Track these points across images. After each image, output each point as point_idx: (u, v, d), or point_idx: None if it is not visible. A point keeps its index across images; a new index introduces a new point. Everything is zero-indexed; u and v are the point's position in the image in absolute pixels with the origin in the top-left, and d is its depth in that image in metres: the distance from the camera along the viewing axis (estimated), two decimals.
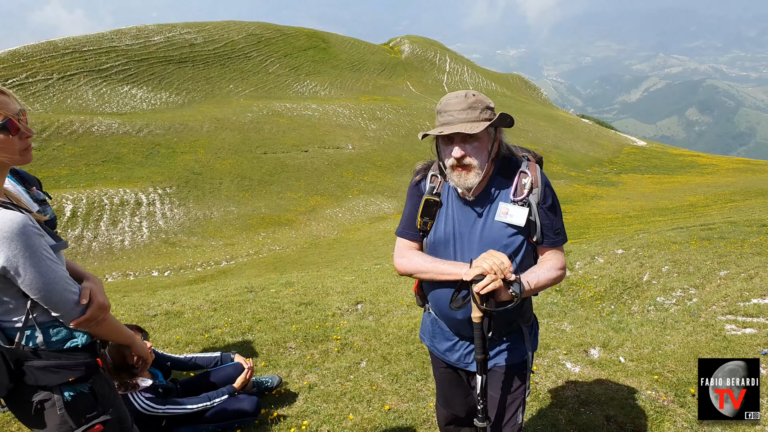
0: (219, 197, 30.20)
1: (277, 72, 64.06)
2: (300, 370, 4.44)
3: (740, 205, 23.10)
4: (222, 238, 25.53)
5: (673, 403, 3.72)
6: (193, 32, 62.09)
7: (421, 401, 3.90)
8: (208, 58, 58.59)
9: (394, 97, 64.70)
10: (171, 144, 34.92)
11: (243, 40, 66.64)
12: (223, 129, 39.61)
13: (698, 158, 61.06)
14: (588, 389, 4.03)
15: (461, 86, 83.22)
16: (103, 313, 1.86)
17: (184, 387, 3.53)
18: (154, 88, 48.48)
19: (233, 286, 7.90)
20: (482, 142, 2.06)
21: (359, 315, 6.01)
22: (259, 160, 36.30)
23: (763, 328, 4.82)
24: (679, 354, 4.47)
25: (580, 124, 77.53)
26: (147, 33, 57.29)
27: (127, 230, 24.11)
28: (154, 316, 5.71)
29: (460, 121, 2.01)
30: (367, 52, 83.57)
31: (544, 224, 2.14)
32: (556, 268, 2.14)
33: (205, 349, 4.81)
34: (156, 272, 19.98)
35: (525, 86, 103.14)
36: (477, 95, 2.05)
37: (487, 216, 2.14)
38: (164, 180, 29.84)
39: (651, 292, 7.22)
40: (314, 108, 50.11)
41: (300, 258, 19.87)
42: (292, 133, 42.12)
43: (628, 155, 59.81)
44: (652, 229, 14.60)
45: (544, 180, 2.16)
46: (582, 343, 4.91)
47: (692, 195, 32.18)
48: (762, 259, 7.40)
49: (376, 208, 33.56)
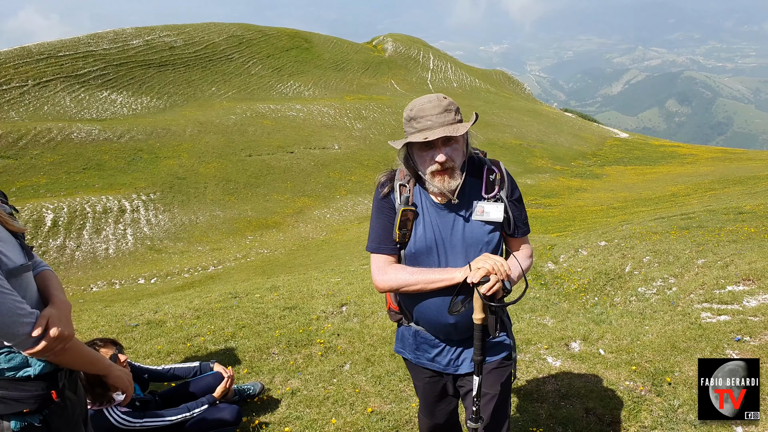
0: (204, 201, 30.02)
1: (260, 73, 63.76)
2: (283, 375, 4.44)
3: (719, 194, 23.41)
4: (208, 243, 25.39)
5: (650, 393, 3.78)
6: (173, 35, 61.56)
7: (404, 402, 3.93)
8: (188, 60, 58.13)
9: (379, 95, 64.68)
10: (153, 149, 34.63)
11: (224, 41, 66.21)
12: (206, 132, 39.36)
13: (678, 149, 61.73)
14: (568, 383, 4.08)
15: (445, 83, 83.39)
16: (60, 343, 1.73)
17: (164, 398, 3.52)
18: (134, 93, 48.02)
19: (217, 292, 7.87)
20: (460, 143, 2.10)
21: (344, 317, 6.02)
22: (243, 162, 36.12)
23: (737, 315, 4.91)
24: (657, 344, 4.54)
25: (563, 118, 78.02)
26: (125, 37, 56.69)
27: (111, 238, 23.89)
28: (135, 326, 5.68)
29: (439, 125, 2.00)
30: (350, 51, 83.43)
31: (515, 216, 2.19)
32: (528, 257, 2.27)
33: (187, 358, 4.80)
34: (142, 280, 19.83)
35: (508, 82, 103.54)
36: (448, 98, 2.06)
37: (465, 217, 2.15)
38: (148, 186, 29.60)
39: (633, 283, 7.32)
40: (299, 108, 49.96)
41: (288, 260, 19.82)
42: (276, 135, 41.96)
43: (611, 147, 60.30)
44: (634, 220, 14.76)
45: (508, 174, 2.21)
46: (563, 337, 4.96)
47: (674, 185, 32.57)
48: (737, 247, 7.52)
49: (365, 207, 33.53)
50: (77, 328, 5.69)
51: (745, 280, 5.84)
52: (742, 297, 5.36)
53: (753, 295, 5.38)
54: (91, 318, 6.29)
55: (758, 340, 4.35)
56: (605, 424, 3.49)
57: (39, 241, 21.81)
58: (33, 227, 22.48)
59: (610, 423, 3.50)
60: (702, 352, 4.27)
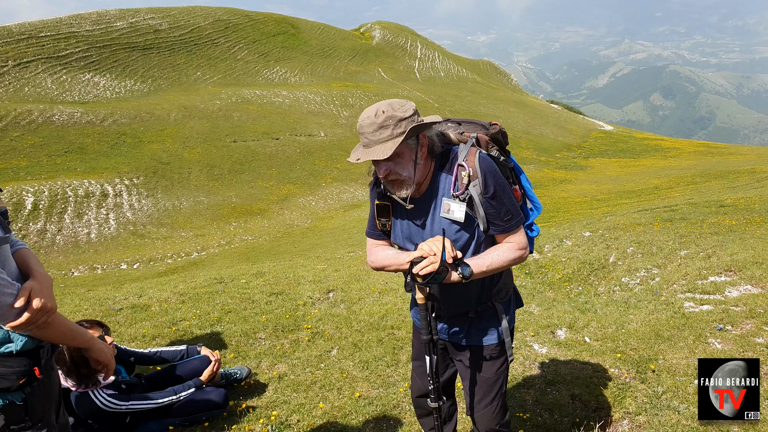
0: (188, 187, 29.72)
1: (246, 58, 63.06)
2: (270, 360, 4.43)
3: (701, 187, 23.72)
4: (192, 229, 25.18)
5: (635, 380, 3.83)
6: (158, 18, 60.58)
7: (392, 387, 3.94)
8: (174, 44, 57.28)
9: (366, 83, 64.35)
10: (137, 133, 34.15)
11: (210, 26, 65.32)
12: (191, 117, 38.90)
13: (662, 142, 62.40)
14: (555, 369, 4.12)
15: (432, 72, 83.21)
16: (44, 315, 1.69)
17: (150, 381, 3.48)
18: (118, 76, 47.22)
19: (202, 277, 7.82)
20: (404, 155, 2.06)
21: (331, 303, 6.01)
22: (228, 148, 35.79)
23: (719, 305, 4.99)
24: (641, 332, 4.60)
25: (549, 110, 78.37)
26: (108, 18, 55.65)
27: (93, 222, 23.56)
28: (119, 310, 5.62)
29: (374, 142, 2.03)
30: (337, 38, 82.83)
31: (490, 213, 2.11)
32: (513, 249, 2.15)
33: (173, 342, 4.76)
34: (125, 265, 19.62)
35: (495, 72, 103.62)
36: (387, 111, 2.01)
37: (433, 213, 2.18)
38: (131, 170, 29.20)
39: (617, 273, 7.39)
40: (285, 95, 49.55)
41: (273, 247, 19.74)
42: (262, 121, 41.60)
43: (596, 140, 60.76)
44: (618, 212, 14.91)
45: (484, 168, 2.09)
46: (549, 324, 5.01)
47: (657, 178, 32.92)
48: (719, 239, 7.63)
49: (350, 195, 33.46)
50: (60, 312, 5.62)
51: (727, 271, 5.93)
52: (724, 287, 5.45)
53: (734, 285, 5.47)
54: (73, 301, 6.21)
55: (739, 329, 4.43)
56: (591, 410, 3.53)
57: (19, 225, 21.46)
58: (13, 210, 22.09)
59: (595, 409, 3.55)
60: (685, 341, 4.33)
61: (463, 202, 2.10)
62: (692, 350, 4.16)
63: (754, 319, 4.53)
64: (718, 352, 4.06)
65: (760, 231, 8.16)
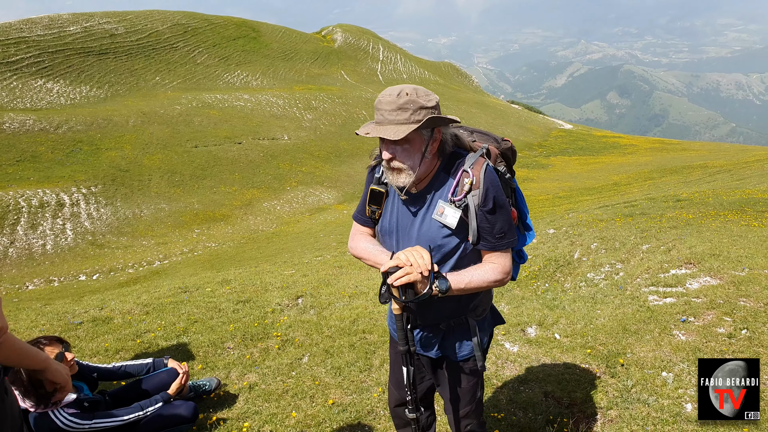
0: (149, 194, 29.04)
1: (206, 62, 62.06)
2: (239, 370, 4.33)
3: (658, 182, 24.44)
4: (154, 237, 24.60)
5: (605, 375, 3.88)
6: (114, 22, 59.05)
7: (365, 392, 3.89)
8: (131, 49, 55.91)
9: (329, 86, 64.09)
10: (94, 140, 33.17)
11: (168, 30, 64.01)
12: (150, 123, 38.02)
13: (620, 139, 64.07)
14: (527, 367, 4.15)
15: (395, 75, 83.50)
16: None
17: (114, 398, 3.34)
18: (72, 82, 45.81)
19: (166, 287, 7.61)
20: (413, 144, 1.99)
21: (300, 309, 5.93)
22: (190, 154, 35.12)
23: (681, 297, 5.11)
24: (609, 327, 4.67)
25: (510, 110, 79.55)
26: (61, 23, 53.95)
27: (48, 233, 22.78)
28: (79, 323, 5.41)
29: (389, 122, 1.95)
30: (299, 41, 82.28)
31: (483, 227, 2.04)
32: (496, 271, 2.08)
33: (138, 355, 4.61)
34: (83, 276, 19.02)
35: (457, 74, 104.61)
36: (411, 94, 1.94)
37: (426, 213, 2.11)
38: (88, 179, 28.35)
39: (582, 269, 7.51)
40: (246, 98, 48.93)
41: (238, 254, 19.44)
42: (224, 125, 40.97)
43: (556, 138, 61.94)
44: (580, 208, 15.21)
45: (487, 180, 2.02)
46: (519, 322, 5.04)
47: (616, 174, 33.78)
48: (678, 232, 7.85)
49: (316, 199, 33.25)
50: (15, 329, 5.38)
51: (687, 263, 6.10)
52: (685, 280, 5.59)
53: (695, 277, 5.62)
54: (29, 317, 5.96)
55: (702, 320, 4.54)
56: (564, 407, 3.57)
57: None
58: None
59: (568, 405, 3.58)
60: (651, 334, 4.42)
61: (458, 208, 2.04)
62: (658, 343, 4.25)
63: (715, 309, 4.66)
64: (682, 344, 4.16)
65: (715, 224, 8.42)
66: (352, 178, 37.94)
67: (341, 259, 9.75)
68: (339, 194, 34.73)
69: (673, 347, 4.13)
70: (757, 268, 5.57)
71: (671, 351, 4.08)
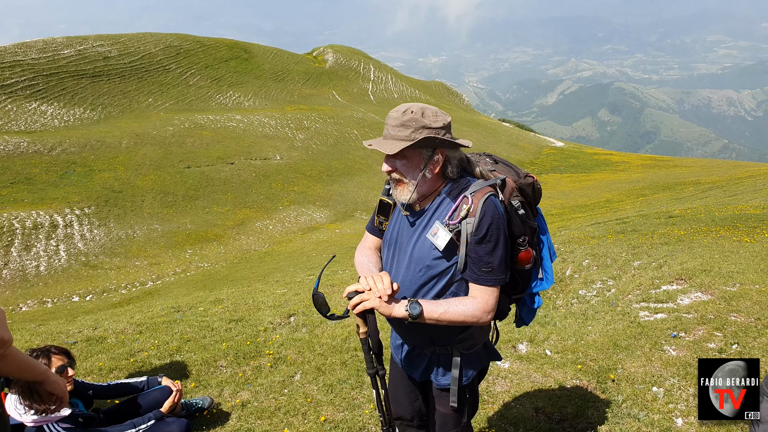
0: (141, 215, 28.98)
1: (198, 84, 62.37)
2: (232, 388, 4.33)
3: (650, 199, 24.61)
4: (147, 258, 24.50)
5: (596, 390, 3.91)
6: (107, 45, 59.38)
7: (357, 409, 3.90)
8: (124, 71, 56.16)
9: (321, 106, 64.48)
10: (87, 162, 33.17)
11: (161, 52, 64.40)
12: (143, 144, 38.08)
13: (611, 156, 64.60)
14: (517, 383, 4.17)
15: (386, 95, 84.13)
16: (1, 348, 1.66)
17: (109, 415, 3.35)
18: (66, 104, 45.90)
19: (159, 306, 7.60)
20: (411, 161, 2.02)
21: (292, 328, 5.93)
22: (182, 174, 35.14)
23: (672, 313, 5.16)
24: (600, 343, 4.70)
25: (501, 128, 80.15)
26: (55, 46, 54.21)
27: (42, 255, 22.66)
28: (73, 343, 5.40)
29: (392, 136, 2.00)
30: (290, 62, 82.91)
31: (470, 257, 2.02)
32: (475, 307, 2.03)
33: (131, 374, 4.60)
34: (77, 297, 18.89)
35: (447, 93, 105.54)
36: (416, 113, 1.98)
37: (423, 231, 2.12)
38: (82, 200, 28.29)
39: (574, 286, 7.55)
40: (238, 119, 49.13)
41: (230, 274, 19.38)
42: (216, 146, 41.07)
43: (548, 156, 62.41)
44: (572, 226, 15.29)
45: (485, 211, 1.99)
46: (510, 339, 5.07)
47: (608, 191, 33.99)
48: (669, 248, 7.92)
49: (308, 218, 33.26)
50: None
51: (678, 279, 6.15)
52: (676, 296, 5.64)
53: (686, 293, 5.67)
54: (24, 337, 5.94)
55: (692, 335, 4.59)
56: (554, 422, 3.58)
57: None
58: None
59: (559, 421, 3.60)
60: (642, 349, 4.45)
61: (450, 232, 2.02)
62: (649, 358, 4.28)
63: (706, 325, 4.71)
64: (673, 359, 4.19)
65: (706, 240, 8.51)
66: (344, 197, 38.02)
67: (333, 278, 9.75)
68: (331, 213, 34.77)
69: (663, 362, 4.16)
70: (748, 284, 5.64)
71: (662, 366, 4.11)
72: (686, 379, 3.83)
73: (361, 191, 39.13)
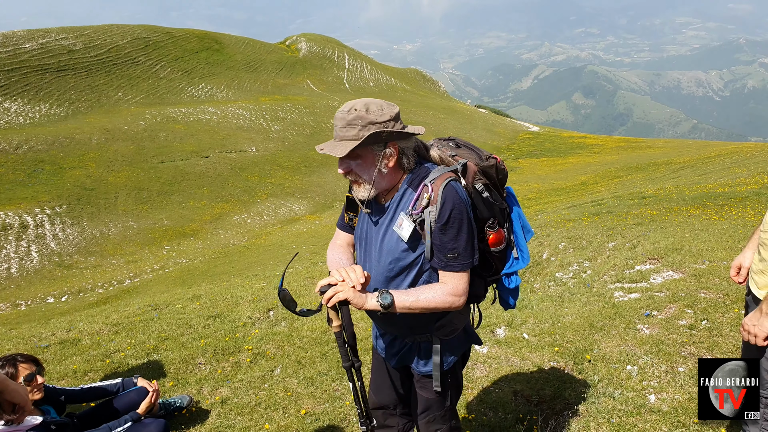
0: (116, 212, 28.52)
1: (169, 76, 61.34)
2: (211, 385, 4.30)
3: (624, 180, 24.98)
4: (123, 256, 24.16)
5: (573, 371, 3.97)
6: (71, 38, 57.93)
7: (338, 401, 3.91)
8: (90, 65, 54.92)
9: (296, 96, 63.97)
10: (57, 160, 32.47)
11: (129, 44, 63.09)
12: (114, 140, 37.40)
13: (586, 139, 65.36)
14: (496, 368, 4.21)
15: (362, 83, 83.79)
16: None
17: (83, 420, 3.28)
18: (30, 100, 44.76)
19: (136, 305, 7.50)
20: (365, 159, 1.99)
21: (271, 322, 5.90)
22: (156, 169, 34.64)
23: (646, 292, 5.26)
24: (576, 324, 4.77)
25: (477, 114, 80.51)
26: (16, 40, 52.71)
27: (13, 256, 22.19)
28: (46, 347, 5.30)
29: (341, 138, 1.96)
30: (263, 52, 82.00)
31: (435, 244, 2.00)
32: (445, 293, 2.02)
33: (107, 376, 4.53)
34: (51, 299, 18.56)
35: (423, 80, 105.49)
36: (360, 110, 1.94)
37: (389, 224, 2.10)
38: (52, 199, 27.72)
39: (550, 269, 7.65)
40: (212, 111, 48.51)
41: (209, 269, 19.21)
42: (190, 139, 40.54)
43: (524, 141, 62.91)
44: (548, 209, 15.47)
45: (446, 197, 1.96)
46: (488, 324, 5.11)
47: (583, 174, 34.42)
48: (642, 229, 8.06)
49: (287, 210, 33.10)
50: None
51: (651, 259, 6.27)
52: (649, 275, 5.75)
53: (658, 272, 5.78)
54: None
55: (664, 313, 4.68)
56: (533, 405, 3.63)
57: None
58: None
59: (537, 403, 3.65)
60: (617, 329, 4.53)
61: (413, 222, 2.00)
62: (623, 337, 4.36)
63: (677, 302, 4.81)
64: (646, 338, 4.27)
65: (677, 219, 8.68)
66: (322, 188, 37.89)
67: (313, 270, 9.73)
68: (310, 205, 34.65)
69: (637, 341, 4.24)
70: (716, 261, 5.77)
71: (635, 345, 4.19)
72: (658, 357, 3.91)
73: (340, 181, 39.00)
